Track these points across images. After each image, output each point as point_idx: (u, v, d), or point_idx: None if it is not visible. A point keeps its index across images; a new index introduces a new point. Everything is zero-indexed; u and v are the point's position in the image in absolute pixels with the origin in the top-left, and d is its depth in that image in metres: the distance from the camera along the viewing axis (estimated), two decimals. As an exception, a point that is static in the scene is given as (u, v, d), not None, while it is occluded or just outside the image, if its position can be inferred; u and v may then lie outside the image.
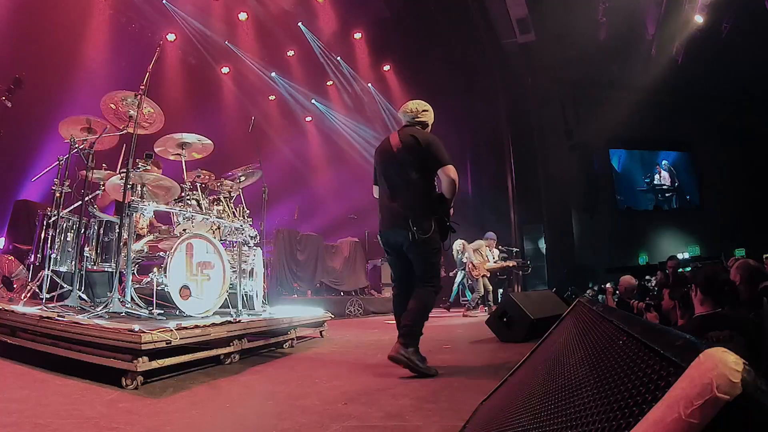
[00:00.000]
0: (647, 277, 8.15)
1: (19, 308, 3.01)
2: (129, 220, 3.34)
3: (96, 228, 3.64)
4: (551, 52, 11.54)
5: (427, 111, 3.33)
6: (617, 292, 5.89)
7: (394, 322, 3.18)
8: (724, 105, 12.94)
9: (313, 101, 12.57)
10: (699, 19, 9.90)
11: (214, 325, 2.96)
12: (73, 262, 3.54)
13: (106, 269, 3.70)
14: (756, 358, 2.00)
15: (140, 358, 2.30)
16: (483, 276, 8.41)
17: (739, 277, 3.07)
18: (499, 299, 8.75)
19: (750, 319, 2.33)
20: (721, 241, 11.91)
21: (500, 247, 9.70)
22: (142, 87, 3.54)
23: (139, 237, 3.98)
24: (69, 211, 3.71)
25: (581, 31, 10.55)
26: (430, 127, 3.34)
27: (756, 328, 2.14)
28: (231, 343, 3.09)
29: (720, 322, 2.23)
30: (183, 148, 4.08)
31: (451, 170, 3.04)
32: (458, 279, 9.39)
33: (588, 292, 8.78)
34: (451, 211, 3.20)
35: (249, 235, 4.36)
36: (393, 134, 3.28)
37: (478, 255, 8.55)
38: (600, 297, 6.68)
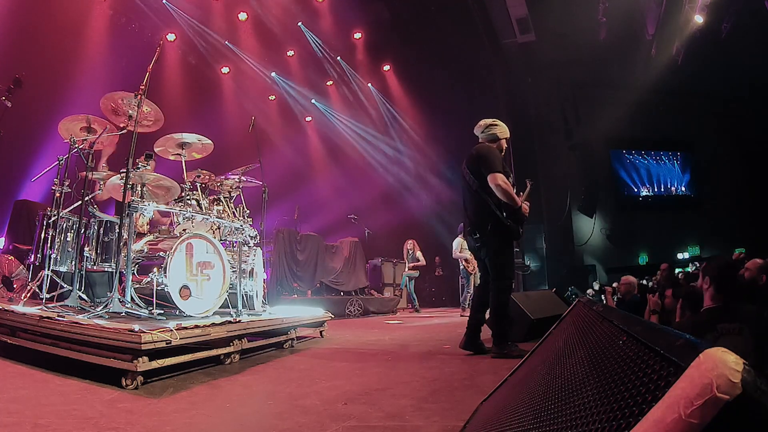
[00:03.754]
0: (646, 277, 8.16)
1: (19, 308, 3.02)
2: (129, 220, 3.34)
3: (96, 228, 3.63)
4: (551, 52, 11.54)
5: (495, 125, 3.67)
6: (617, 292, 5.89)
7: (395, 321, 3.33)
8: (724, 105, 12.95)
9: (313, 101, 12.58)
10: (699, 19, 9.90)
11: (214, 325, 2.96)
12: (73, 262, 3.54)
13: (106, 269, 3.69)
14: (764, 353, 2.00)
15: (140, 358, 2.30)
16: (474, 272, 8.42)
17: (765, 276, 3.10)
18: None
19: (759, 313, 2.32)
20: (721, 240, 11.93)
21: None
22: (142, 87, 3.54)
23: (139, 236, 3.98)
24: (69, 211, 3.71)
25: (581, 31, 10.55)
26: (503, 140, 3.66)
27: (765, 323, 2.13)
28: (231, 343, 3.09)
29: (729, 316, 2.23)
30: (183, 148, 4.08)
31: (494, 177, 3.34)
32: (404, 281, 9.64)
33: (589, 291, 8.79)
34: (525, 207, 3.47)
35: (249, 235, 4.36)
36: None
37: (466, 250, 8.49)
38: (601, 297, 6.67)
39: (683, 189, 14.36)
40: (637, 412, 0.54)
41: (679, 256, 12.86)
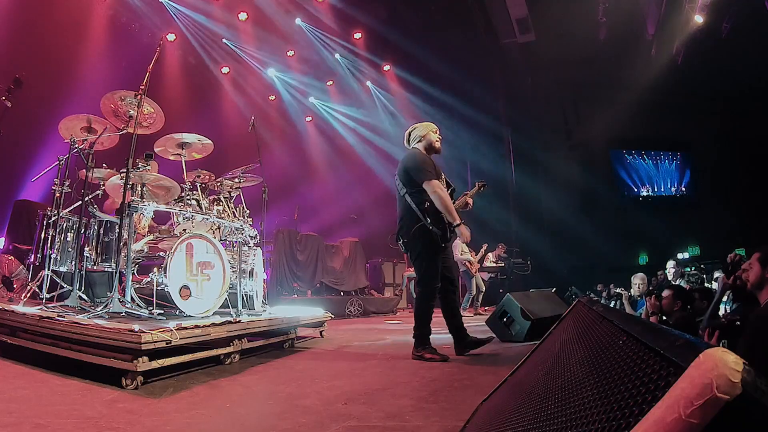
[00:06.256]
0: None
1: (19, 308, 3.02)
2: (129, 220, 3.34)
3: (96, 228, 3.63)
4: (551, 52, 11.55)
5: (415, 127, 3.66)
6: (630, 293, 5.87)
7: (395, 321, 3.35)
8: (724, 105, 12.96)
9: (313, 101, 12.57)
10: (699, 19, 9.91)
11: (214, 325, 2.96)
12: (73, 262, 3.54)
13: (106, 269, 3.69)
14: None
15: (140, 358, 2.30)
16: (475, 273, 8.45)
17: None
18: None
19: None
20: (721, 240, 11.92)
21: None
22: (142, 87, 3.54)
23: (139, 236, 3.98)
24: (69, 211, 3.72)
25: (581, 31, 10.56)
26: (428, 133, 3.58)
27: None
28: (231, 343, 3.09)
29: None
30: (183, 148, 4.08)
31: (429, 185, 3.30)
32: (404, 281, 9.69)
33: (598, 286, 8.79)
34: (452, 217, 3.33)
35: (249, 235, 4.36)
36: None
37: (467, 252, 8.51)
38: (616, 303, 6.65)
39: (683, 189, 14.38)
40: (637, 412, 0.54)
41: (679, 256, 12.86)
